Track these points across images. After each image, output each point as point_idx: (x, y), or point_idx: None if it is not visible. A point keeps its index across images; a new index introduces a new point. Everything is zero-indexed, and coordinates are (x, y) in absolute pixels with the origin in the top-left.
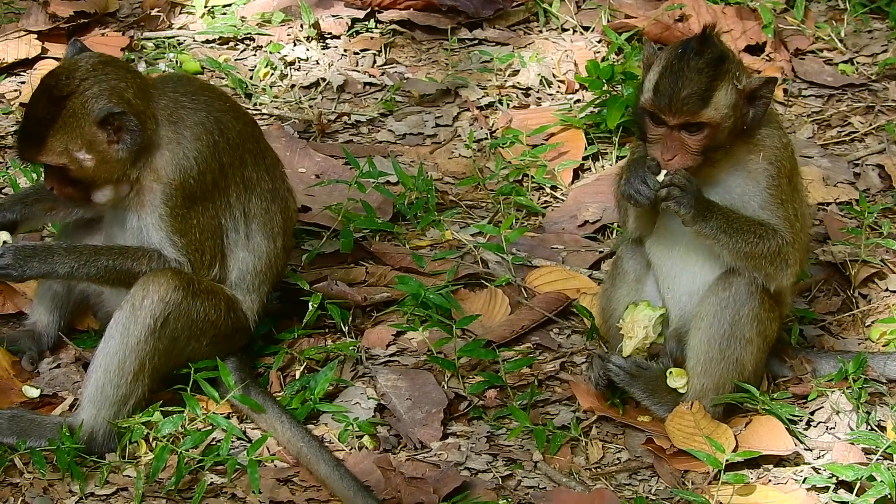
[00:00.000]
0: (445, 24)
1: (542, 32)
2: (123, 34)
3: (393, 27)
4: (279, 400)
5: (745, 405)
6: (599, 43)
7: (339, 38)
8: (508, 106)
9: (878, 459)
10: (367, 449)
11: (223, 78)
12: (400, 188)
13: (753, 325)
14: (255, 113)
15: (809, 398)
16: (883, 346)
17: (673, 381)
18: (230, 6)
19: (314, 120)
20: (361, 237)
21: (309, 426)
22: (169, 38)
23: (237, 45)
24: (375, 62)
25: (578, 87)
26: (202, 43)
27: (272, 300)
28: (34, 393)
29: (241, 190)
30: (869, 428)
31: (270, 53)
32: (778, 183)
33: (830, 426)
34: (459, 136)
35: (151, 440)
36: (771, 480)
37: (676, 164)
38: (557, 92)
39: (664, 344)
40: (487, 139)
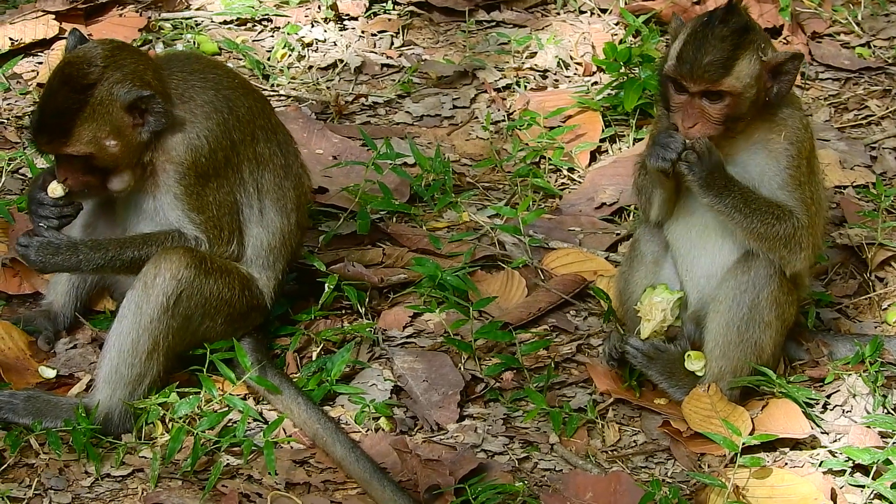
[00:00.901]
0: (463, 5)
1: (559, 14)
2: (141, 15)
3: (410, 9)
4: (295, 381)
5: (761, 388)
6: (617, 25)
7: (356, 19)
8: (526, 88)
9: (894, 443)
10: (383, 431)
11: (241, 59)
12: (417, 170)
13: (772, 308)
14: (272, 94)
15: (826, 381)
16: None
17: (690, 363)
18: None
19: (332, 101)
20: (378, 219)
21: (325, 408)
22: (186, 18)
23: (255, 25)
24: (393, 44)
25: (596, 69)
26: (220, 24)
27: (289, 281)
28: (50, 373)
29: (253, 166)
30: (885, 411)
31: (288, 35)
32: (798, 164)
33: (847, 409)
34: (477, 117)
35: (168, 421)
36: (787, 463)
37: (696, 132)
38: (575, 74)
39: (681, 327)
40: (505, 121)
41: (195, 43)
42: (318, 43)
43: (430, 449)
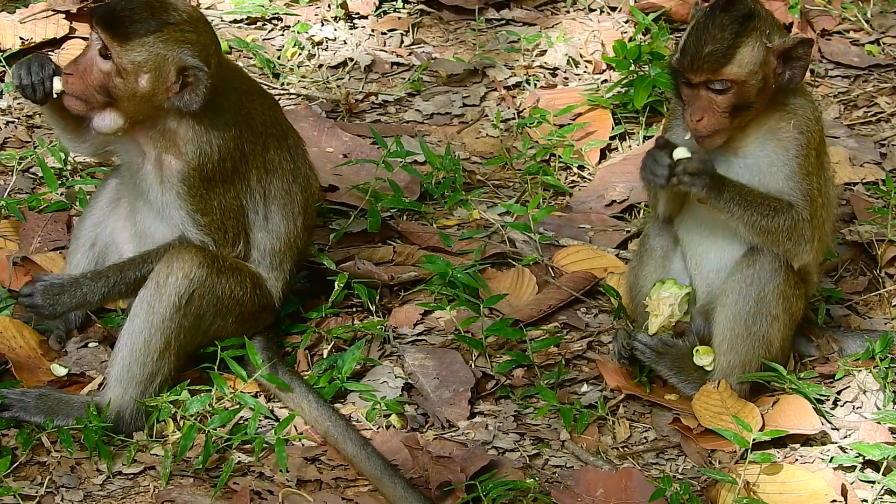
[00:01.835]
0: (473, 3)
1: (569, 13)
2: None
3: (420, 7)
4: (306, 379)
5: (771, 384)
6: (626, 23)
7: (366, 18)
8: (536, 86)
9: None
10: (394, 428)
11: (251, 58)
12: (427, 168)
13: (779, 301)
14: (282, 93)
15: (836, 377)
16: None
17: (699, 358)
18: None
19: (342, 100)
20: (389, 216)
21: (336, 405)
22: None
23: (265, 24)
24: (403, 42)
25: (605, 67)
26: (230, 23)
27: (299, 279)
28: (62, 372)
29: (261, 173)
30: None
31: (298, 33)
32: (807, 153)
33: (857, 405)
34: (487, 115)
35: (179, 419)
36: (797, 460)
37: (704, 125)
38: (584, 72)
39: (690, 322)
40: (515, 119)
41: None
42: (328, 41)
43: (441, 446)
